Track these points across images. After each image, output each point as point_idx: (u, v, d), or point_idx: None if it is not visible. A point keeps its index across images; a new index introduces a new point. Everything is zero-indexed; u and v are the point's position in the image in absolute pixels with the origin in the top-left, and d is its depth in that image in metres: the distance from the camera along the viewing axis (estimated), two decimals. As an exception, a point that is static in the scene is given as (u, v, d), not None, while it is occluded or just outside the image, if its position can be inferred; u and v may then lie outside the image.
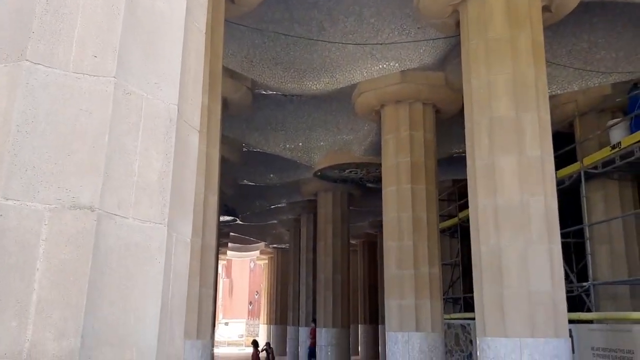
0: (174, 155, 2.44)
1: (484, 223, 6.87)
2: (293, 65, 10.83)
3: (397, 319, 10.04)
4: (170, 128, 2.50)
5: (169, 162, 2.41)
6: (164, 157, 2.41)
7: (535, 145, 6.83)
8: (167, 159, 2.43)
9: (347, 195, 18.05)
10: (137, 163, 2.37)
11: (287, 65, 10.81)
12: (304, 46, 10.62)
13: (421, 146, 10.64)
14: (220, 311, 54.66)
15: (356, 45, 10.45)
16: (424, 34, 9.68)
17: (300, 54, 10.67)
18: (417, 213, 10.38)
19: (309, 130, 14.36)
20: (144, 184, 2.35)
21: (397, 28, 9.84)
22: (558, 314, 6.48)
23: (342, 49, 10.60)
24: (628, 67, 10.00)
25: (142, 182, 2.35)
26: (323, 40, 9.97)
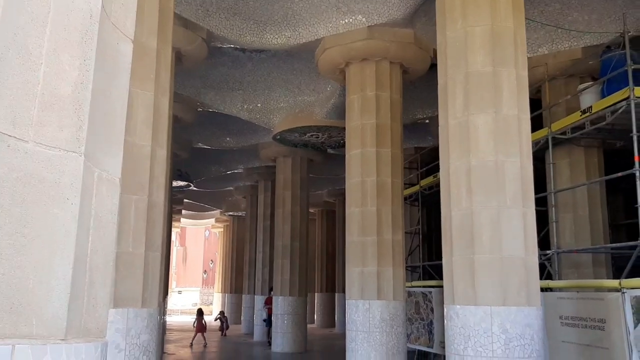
0: (95, 64, 1.82)
1: (456, 186, 6.44)
2: (253, 16, 10.09)
3: (358, 286, 9.65)
4: (90, 27, 1.86)
5: (88, 71, 1.79)
6: (81, 63, 1.79)
7: (512, 104, 6.40)
8: (86, 66, 1.80)
9: (307, 161, 17.49)
10: (43, 69, 1.74)
11: (246, 16, 10.07)
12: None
13: (387, 107, 10.15)
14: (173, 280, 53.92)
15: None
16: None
17: (261, 4, 9.94)
18: (381, 178, 9.93)
19: (268, 90, 13.67)
20: (52, 97, 1.73)
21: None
22: (531, 281, 6.15)
23: (306, 0, 9.92)
24: (600, 30, 9.68)
25: (49, 95, 1.73)
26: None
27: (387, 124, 10.09)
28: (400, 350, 9.44)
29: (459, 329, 6.14)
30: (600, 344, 6.42)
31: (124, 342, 5.19)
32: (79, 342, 1.64)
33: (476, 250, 6.16)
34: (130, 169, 5.41)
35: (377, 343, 9.28)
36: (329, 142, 15.29)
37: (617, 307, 6.16)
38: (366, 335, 9.31)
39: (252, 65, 13.13)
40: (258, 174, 21.05)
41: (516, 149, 6.33)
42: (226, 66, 13.15)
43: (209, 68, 13.09)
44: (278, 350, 16.43)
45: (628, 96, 8.35)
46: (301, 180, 17.35)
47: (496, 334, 5.92)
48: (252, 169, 21.02)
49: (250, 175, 21.40)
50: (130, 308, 5.26)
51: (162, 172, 5.79)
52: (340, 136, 14.45)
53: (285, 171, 17.26)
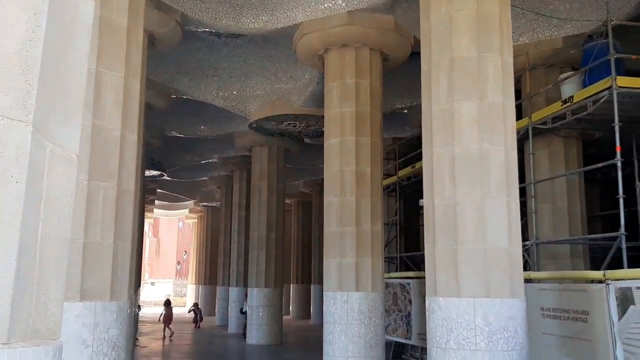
0: (48, 19, 1.54)
1: (439, 174, 6.25)
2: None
3: (336, 278, 9.45)
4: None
5: (38, 26, 1.51)
6: (30, 17, 1.52)
7: (497, 91, 6.24)
8: (37, 21, 1.53)
9: (283, 150, 17.20)
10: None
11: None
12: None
13: (367, 95, 9.92)
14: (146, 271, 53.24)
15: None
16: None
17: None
18: (361, 167, 9.72)
19: (244, 77, 13.34)
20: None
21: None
22: (514, 273, 6.01)
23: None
24: (581, 19, 9.58)
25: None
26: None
27: (366, 112, 9.87)
28: (378, 342, 9.28)
29: (441, 321, 5.98)
30: (583, 336, 6.33)
31: (91, 338, 4.89)
32: (25, 346, 1.38)
33: (459, 240, 6.00)
34: (99, 154, 5.10)
35: (355, 335, 9.11)
36: (306, 131, 15.04)
37: (600, 298, 6.06)
38: (344, 328, 9.12)
39: (228, 51, 12.79)
40: (233, 164, 20.69)
41: (501, 137, 6.17)
42: (201, 52, 12.79)
43: (184, 53, 12.71)
44: (253, 342, 16.20)
45: (610, 86, 8.25)
46: (277, 170, 17.07)
47: (479, 327, 5.77)
48: (227, 159, 20.65)
49: (225, 164, 21.03)
50: (98, 301, 4.96)
51: (133, 159, 5.48)
52: (318, 125, 14.20)
53: (261, 161, 16.96)
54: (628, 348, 5.69)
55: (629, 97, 8.49)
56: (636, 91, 8.31)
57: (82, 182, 4.95)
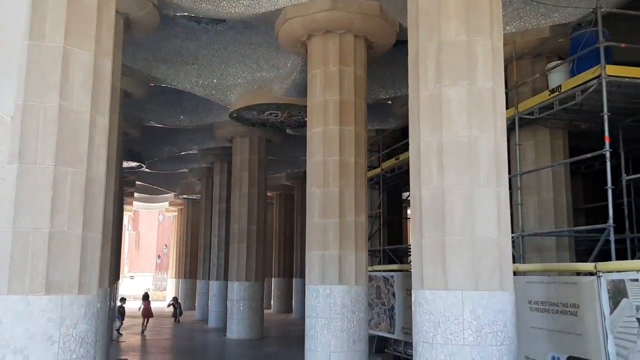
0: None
1: (427, 163, 6.01)
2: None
3: (319, 271, 9.20)
4: None
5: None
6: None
7: (487, 76, 6.00)
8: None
9: (265, 141, 16.88)
10: None
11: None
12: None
13: (351, 83, 9.65)
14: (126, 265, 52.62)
15: (282, -36, 9.18)
16: (360, -47, 8.56)
17: (218, -31, 9.27)
18: (344, 157, 9.46)
19: (225, 65, 12.98)
20: None
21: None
22: (503, 265, 5.80)
23: (266, -32, 9.30)
24: (570, 5, 9.40)
25: None
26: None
27: (350, 100, 9.60)
28: (361, 337, 9.05)
29: (428, 315, 5.75)
30: (573, 330, 6.15)
31: (58, 333, 4.57)
32: None
33: (447, 231, 5.76)
34: (66, 137, 4.76)
35: (337, 330, 8.87)
36: (288, 122, 14.73)
37: (591, 291, 5.88)
38: (326, 322, 8.88)
39: (208, 38, 12.41)
40: (214, 155, 20.32)
41: (491, 124, 5.94)
42: (180, 38, 12.39)
43: (162, 40, 12.31)
44: (234, 337, 15.91)
45: (599, 74, 8.09)
46: (259, 161, 16.75)
47: (467, 321, 5.55)
48: (208, 150, 20.27)
49: (206, 156, 20.65)
50: (65, 295, 4.64)
51: (104, 143, 5.15)
52: (301, 115, 13.91)
53: (242, 152, 16.62)
54: (620, 342, 5.52)
55: (617, 87, 8.34)
56: (625, 81, 8.16)
57: (47, 168, 4.61)
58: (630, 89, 8.34)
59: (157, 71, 12.95)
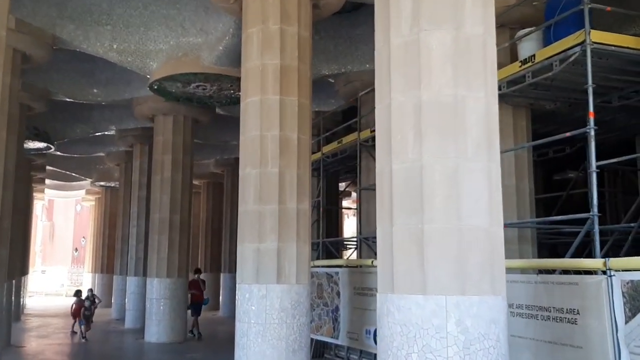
0: None
1: (400, 128, 4.63)
2: None
3: (253, 267, 7.70)
4: None
5: None
6: None
7: (477, 19, 4.70)
8: None
9: (191, 121, 15.07)
10: None
11: None
12: None
13: (295, 46, 8.18)
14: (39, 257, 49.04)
15: None
16: None
17: None
18: (285, 132, 7.99)
19: (144, 27, 11.17)
20: None
21: None
22: (496, 261, 4.53)
23: None
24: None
25: None
26: None
27: (293, 66, 8.13)
28: (302, 345, 7.64)
29: (400, 327, 4.39)
30: (570, 342, 4.98)
31: None
32: None
33: (426, 217, 4.41)
34: None
35: (274, 338, 7.40)
36: (218, 97, 13.03)
37: (598, 294, 4.72)
38: (261, 329, 7.40)
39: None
40: (133, 137, 18.27)
41: (481, 82, 4.64)
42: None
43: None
44: (152, 340, 14.10)
45: (583, 41, 7.00)
46: (184, 143, 14.94)
47: (453, 334, 4.24)
48: (126, 131, 18.21)
49: (124, 137, 18.55)
50: None
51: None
52: (233, 88, 12.27)
53: (164, 132, 14.75)
54: (637, 358, 4.38)
55: (598, 57, 7.30)
56: (610, 50, 7.11)
57: None
58: (616, 61, 7.33)
59: (63, 31, 10.97)
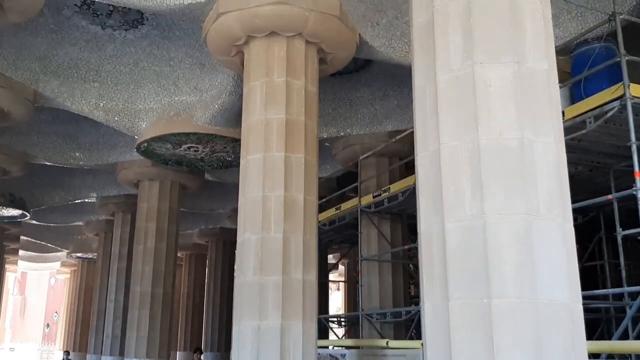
0: None
1: (453, 179, 3.81)
2: (118, -45, 7.10)
3: (252, 349, 6.60)
4: None
5: None
6: None
7: (539, 53, 3.99)
8: None
9: (179, 187, 14.17)
10: None
11: (108, -46, 7.05)
12: None
13: (301, 100, 7.47)
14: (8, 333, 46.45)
15: (218, -60, 7.05)
16: None
17: (131, -61, 7.00)
18: (291, 193, 7.13)
19: (134, 85, 10.49)
20: None
21: None
22: (578, 345, 3.60)
23: (197, -56, 7.14)
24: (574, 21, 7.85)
25: None
26: None
27: (300, 120, 7.39)
28: None
29: None
30: None
31: None
32: None
33: (494, 289, 3.51)
34: None
35: None
36: (209, 160, 12.21)
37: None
38: None
39: (115, 48, 9.96)
40: (115, 204, 17.22)
41: (548, 123, 3.88)
42: (78, 46, 9.86)
43: (54, 46, 9.73)
44: None
45: (621, 95, 6.39)
46: (170, 210, 13.96)
47: None
48: (108, 198, 17.18)
49: (105, 205, 17.50)
50: None
51: None
52: (226, 150, 11.48)
53: (150, 198, 13.78)
54: None
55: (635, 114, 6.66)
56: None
57: None
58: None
59: (46, 87, 10.20)
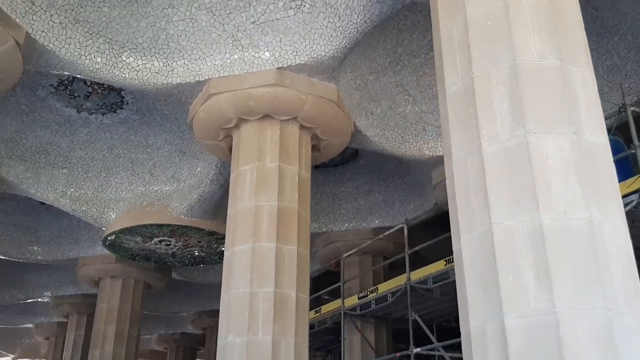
0: None
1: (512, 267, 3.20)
2: (106, 30, 6.68)
3: None
4: None
5: None
6: None
7: (596, 125, 3.57)
8: None
9: (143, 286, 13.08)
10: None
11: (97, 28, 6.63)
12: (128, 4, 6.62)
13: (295, 186, 6.90)
14: None
15: (212, 18, 6.75)
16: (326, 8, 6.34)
17: (121, 14, 6.63)
18: (282, 289, 6.36)
19: (106, 173, 9.79)
20: None
21: None
22: None
23: (190, 22, 6.81)
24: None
25: None
26: None
27: (293, 208, 6.77)
28: None
29: None
30: None
31: None
32: None
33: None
34: None
35: None
36: (181, 255, 11.30)
37: None
38: None
39: (89, 133, 9.35)
40: (71, 305, 15.77)
41: (615, 202, 3.38)
42: (49, 130, 9.23)
43: (24, 129, 9.07)
44: None
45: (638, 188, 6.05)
46: (132, 311, 12.76)
47: None
48: (64, 298, 15.77)
49: (60, 306, 16.01)
50: None
51: None
52: (200, 245, 10.66)
53: (111, 298, 12.60)
54: None
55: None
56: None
57: None
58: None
59: (10, 172, 9.39)
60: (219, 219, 9.98)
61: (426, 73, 7.97)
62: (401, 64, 7.76)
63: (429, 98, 8.28)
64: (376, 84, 7.81)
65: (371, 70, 7.57)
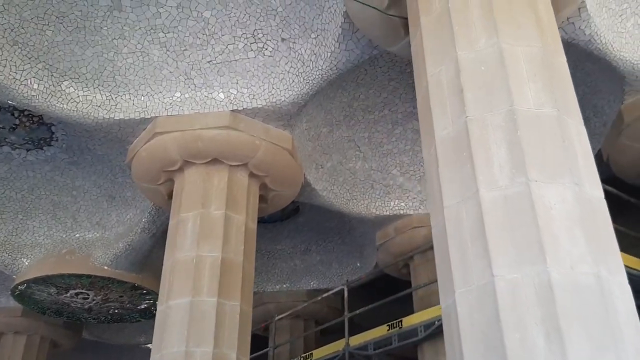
0: None
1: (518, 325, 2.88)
2: (47, 55, 6.11)
3: None
4: None
5: None
6: None
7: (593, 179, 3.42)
8: None
9: (50, 344, 11.74)
10: None
11: (37, 53, 6.05)
12: (74, 30, 6.12)
13: (241, 238, 6.41)
14: None
15: (165, 54, 6.35)
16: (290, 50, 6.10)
17: (66, 40, 6.11)
18: (221, 350, 5.75)
19: (23, 215, 8.86)
20: None
21: (247, 36, 6.16)
22: None
23: (140, 56, 6.38)
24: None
25: None
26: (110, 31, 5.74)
27: (238, 261, 6.25)
28: None
29: None
30: None
31: None
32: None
33: None
34: None
35: None
36: (98, 311, 10.24)
37: None
38: None
39: (9, 170, 8.49)
40: (-41, 365, 14.00)
41: (617, 260, 3.18)
42: (-38, 163, 8.29)
43: None
44: None
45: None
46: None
47: None
48: (-48, 356, 13.98)
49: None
50: None
51: None
52: (121, 300, 9.72)
53: (13, 355, 11.08)
54: None
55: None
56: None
57: None
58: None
59: None
60: (146, 272, 9.20)
61: (378, 130, 7.86)
62: (355, 119, 7.61)
63: (379, 156, 8.14)
64: (329, 137, 7.59)
65: (326, 122, 7.36)
